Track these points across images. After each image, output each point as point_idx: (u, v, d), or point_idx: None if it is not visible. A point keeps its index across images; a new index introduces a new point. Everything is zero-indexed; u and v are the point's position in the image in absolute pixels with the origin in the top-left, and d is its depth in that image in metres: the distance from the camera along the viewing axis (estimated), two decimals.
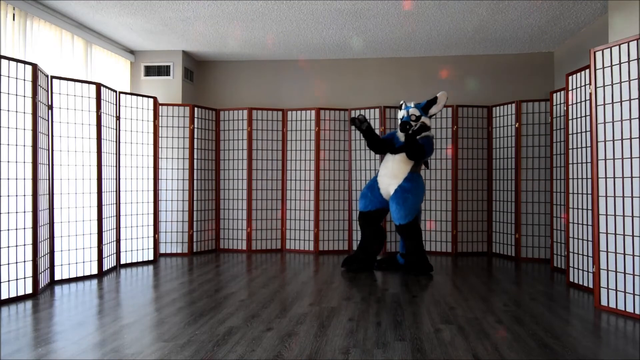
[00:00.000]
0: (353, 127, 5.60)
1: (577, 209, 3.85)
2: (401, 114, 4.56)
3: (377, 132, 5.45)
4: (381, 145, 4.53)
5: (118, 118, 4.68)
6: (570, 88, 3.93)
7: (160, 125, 5.27)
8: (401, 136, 4.50)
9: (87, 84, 4.20)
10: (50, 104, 3.94)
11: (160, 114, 5.29)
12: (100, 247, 4.25)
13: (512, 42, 5.37)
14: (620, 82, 3.10)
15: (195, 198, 5.43)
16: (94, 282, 4.03)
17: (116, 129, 4.65)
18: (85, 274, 4.15)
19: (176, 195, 5.35)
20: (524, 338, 2.60)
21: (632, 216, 3.01)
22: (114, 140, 4.60)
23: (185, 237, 5.35)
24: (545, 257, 4.95)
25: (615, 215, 3.12)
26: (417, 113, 4.44)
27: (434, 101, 4.47)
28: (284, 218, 5.72)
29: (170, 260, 5.06)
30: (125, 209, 4.75)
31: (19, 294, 3.41)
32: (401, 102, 4.67)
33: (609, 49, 3.18)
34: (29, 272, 3.49)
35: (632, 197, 3.02)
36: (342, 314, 3.06)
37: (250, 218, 5.63)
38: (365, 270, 4.50)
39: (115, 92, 4.65)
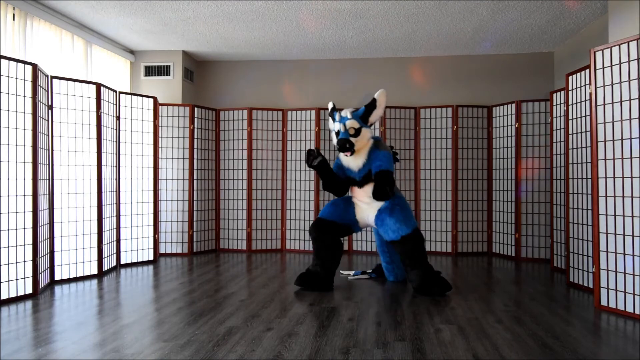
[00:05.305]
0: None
1: (577, 209, 3.85)
2: (335, 127, 3.75)
3: (378, 132, 5.44)
4: (340, 186, 3.82)
5: (118, 118, 4.68)
6: (570, 88, 3.93)
7: (160, 125, 5.27)
8: (347, 160, 3.76)
9: (87, 84, 4.20)
10: (50, 104, 3.94)
11: (160, 114, 5.28)
12: (100, 247, 4.25)
13: (512, 42, 5.37)
14: (620, 82, 3.10)
15: (195, 198, 5.43)
16: (94, 282, 4.03)
17: (116, 129, 4.65)
18: (85, 274, 4.15)
19: (176, 195, 5.35)
20: (524, 338, 2.60)
21: (632, 216, 3.01)
22: (114, 140, 4.60)
23: (185, 237, 5.35)
24: (545, 257, 4.95)
25: (615, 215, 3.12)
26: (357, 125, 3.65)
27: (373, 105, 3.71)
28: (284, 218, 5.71)
29: (170, 260, 5.06)
30: (125, 209, 4.75)
31: (19, 294, 3.41)
32: (330, 105, 3.90)
33: (609, 49, 3.18)
34: (29, 272, 3.49)
35: (632, 197, 3.02)
36: (342, 314, 3.06)
37: (250, 218, 5.63)
38: (324, 289, 3.70)
39: (115, 92, 4.65)
